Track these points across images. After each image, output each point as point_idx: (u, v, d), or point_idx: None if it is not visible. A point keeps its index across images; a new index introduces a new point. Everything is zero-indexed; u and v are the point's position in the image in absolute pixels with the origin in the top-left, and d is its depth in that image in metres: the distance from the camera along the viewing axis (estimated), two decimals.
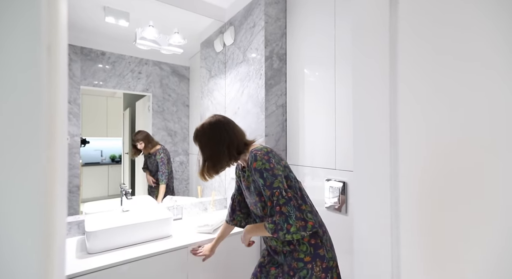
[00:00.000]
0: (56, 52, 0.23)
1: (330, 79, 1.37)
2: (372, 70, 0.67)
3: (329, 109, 1.37)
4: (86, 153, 1.67)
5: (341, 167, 1.31)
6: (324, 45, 1.41)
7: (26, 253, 0.21)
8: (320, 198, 1.42)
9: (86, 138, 1.58)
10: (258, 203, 0.98)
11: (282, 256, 1.00)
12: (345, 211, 1.29)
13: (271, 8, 1.60)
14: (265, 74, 1.57)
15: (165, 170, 1.86)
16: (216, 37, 1.97)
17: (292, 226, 0.85)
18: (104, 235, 1.17)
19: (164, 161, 1.86)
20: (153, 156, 1.84)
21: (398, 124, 0.63)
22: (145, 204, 1.70)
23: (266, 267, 1.09)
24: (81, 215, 1.43)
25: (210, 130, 1.00)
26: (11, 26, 0.21)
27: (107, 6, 1.61)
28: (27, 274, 0.21)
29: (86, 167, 1.69)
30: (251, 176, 0.97)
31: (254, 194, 0.98)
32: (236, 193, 1.19)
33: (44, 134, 0.21)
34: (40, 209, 0.21)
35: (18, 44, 0.21)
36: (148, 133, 1.83)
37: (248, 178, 1.01)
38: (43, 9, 0.23)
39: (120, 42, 1.71)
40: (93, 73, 1.60)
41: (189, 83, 2.03)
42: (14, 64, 0.21)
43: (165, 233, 1.35)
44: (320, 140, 1.43)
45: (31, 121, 0.21)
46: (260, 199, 0.98)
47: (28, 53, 0.21)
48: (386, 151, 0.63)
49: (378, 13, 0.65)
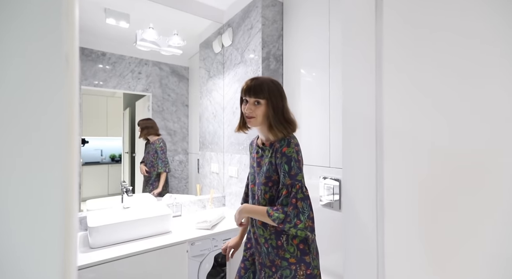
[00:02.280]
0: (73, 60, 0.27)
1: (325, 80, 1.42)
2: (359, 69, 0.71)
3: (323, 109, 1.42)
4: (86, 152, 1.69)
5: (336, 165, 1.36)
6: (319, 47, 1.45)
7: (47, 247, 0.24)
8: (316, 195, 1.46)
9: (85, 138, 1.60)
10: (262, 185, 0.96)
11: (264, 248, 0.97)
12: (339, 208, 1.33)
13: (268, 11, 1.65)
14: (262, 75, 1.61)
15: (165, 158, 1.90)
16: (215, 39, 2.01)
17: (301, 223, 0.85)
18: (106, 230, 1.22)
19: (164, 149, 1.90)
20: (152, 145, 1.88)
21: (384, 123, 0.67)
22: (146, 201, 1.74)
23: (249, 260, 1.07)
24: (83, 212, 1.47)
25: (277, 85, 0.98)
26: (35, 38, 0.24)
27: (107, 8, 1.64)
28: (49, 266, 0.24)
29: (86, 166, 1.71)
30: (272, 157, 0.94)
31: (263, 175, 0.96)
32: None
33: (65, 136, 0.24)
34: (62, 206, 0.25)
35: (41, 55, 0.24)
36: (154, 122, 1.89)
37: (265, 158, 0.97)
38: (63, 21, 0.26)
39: (121, 43, 1.73)
40: (94, 74, 1.62)
41: (188, 83, 2.05)
42: (36, 73, 0.24)
43: (165, 229, 1.39)
44: (315, 139, 1.47)
45: (54, 126, 0.24)
46: (266, 183, 0.95)
47: (50, 62, 0.24)
48: (372, 148, 0.67)
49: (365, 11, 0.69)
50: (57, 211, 0.24)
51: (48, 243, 0.24)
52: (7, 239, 0.23)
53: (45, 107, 0.23)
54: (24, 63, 0.23)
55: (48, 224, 0.24)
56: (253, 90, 0.93)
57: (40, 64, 0.24)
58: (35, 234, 0.24)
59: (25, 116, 0.23)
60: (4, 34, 0.22)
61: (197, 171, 2.09)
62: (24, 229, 0.23)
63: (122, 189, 1.58)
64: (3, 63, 0.22)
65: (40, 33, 0.24)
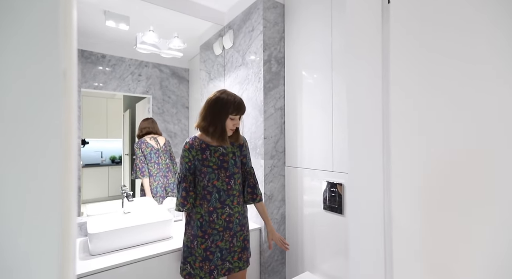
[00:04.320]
0: (70, 76, 0.27)
1: (327, 82, 1.40)
2: (364, 72, 0.70)
3: (326, 112, 1.40)
4: (86, 154, 1.69)
5: (338, 169, 1.34)
6: (321, 49, 1.44)
7: (44, 253, 0.24)
8: (318, 199, 1.45)
9: (85, 139, 1.59)
10: (236, 174, 1.21)
11: (236, 220, 1.19)
12: (341, 212, 1.32)
13: (269, 13, 1.63)
14: (264, 78, 1.60)
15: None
16: (215, 41, 2.00)
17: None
18: (106, 237, 1.20)
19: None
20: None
21: (391, 126, 0.65)
22: (146, 205, 1.72)
23: (212, 247, 1.15)
24: (83, 216, 1.45)
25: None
26: (33, 55, 0.24)
27: (107, 10, 1.63)
28: (45, 273, 0.24)
29: (86, 168, 1.71)
30: (240, 151, 1.25)
31: (234, 167, 1.20)
32: (187, 172, 1.17)
33: (62, 145, 0.25)
34: (60, 212, 0.24)
35: (39, 71, 0.25)
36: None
37: (229, 154, 1.20)
38: (61, 38, 0.26)
39: (120, 45, 1.73)
40: (94, 76, 1.62)
41: (189, 85, 2.04)
42: (34, 88, 0.25)
43: (166, 234, 1.37)
44: (317, 142, 1.46)
45: (52, 136, 0.25)
46: (239, 171, 1.23)
47: (48, 79, 0.25)
48: (379, 152, 0.66)
49: (371, 13, 0.67)
50: (55, 217, 0.24)
51: (45, 251, 0.24)
52: (1, 246, 0.23)
53: (45, 115, 0.25)
54: (24, 80, 0.24)
55: (45, 230, 0.24)
56: (244, 108, 1.21)
57: (40, 81, 0.25)
58: (31, 241, 0.24)
59: (24, 126, 0.24)
60: (5, 57, 0.24)
61: None
62: (20, 236, 0.23)
63: (123, 193, 1.56)
64: (6, 82, 0.24)
65: (39, 56, 0.25)
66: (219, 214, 1.15)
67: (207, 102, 1.17)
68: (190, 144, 1.17)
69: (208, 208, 1.15)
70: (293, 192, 1.64)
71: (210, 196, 1.16)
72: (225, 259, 1.16)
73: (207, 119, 1.15)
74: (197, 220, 1.16)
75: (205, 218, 1.15)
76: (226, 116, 1.15)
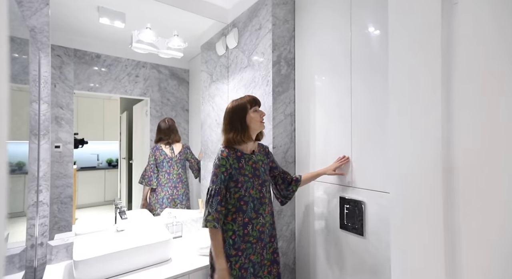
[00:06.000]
0: None
1: (345, 87, 1.25)
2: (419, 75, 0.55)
3: (344, 121, 1.25)
4: (82, 157, 1.61)
5: (358, 185, 1.19)
6: (337, 50, 1.29)
7: None
8: (333, 216, 1.30)
9: (84, 138, 1.50)
10: (267, 182, 1.18)
11: (266, 230, 1.14)
12: (362, 233, 1.17)
13: (278, 9, 1.48)
14: (273, 81, 1.45)
15: None
16: (218, 40, 1.85)
17: None
18: (95, 263, 1.05)
19: None
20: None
21: (453, 145, 0.51)
22: (142, 220, 1.57)
23: (246, 263, 1.08)
24: (71, 234, 1.29)
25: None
26: None
27: (101, 6, 1.52)
28: None
29: (82, 171, 1.62)
30: (266, 159, 1.23)
31: (264, 174, 1.18)
32: (222, 185, 1.06)
33: None
34: None
35: None
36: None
37: (258, 162, 1.17)
38: None
39: (116, 44, 1.64)
40: (88, 77, 1.54)
41: (189, 87, 1.96)
42: None
43: (164, 256, 1.22)
44: (333, 153, 1.31)
45: None
46: (268, 179, 1.21)
47: None
48: (438, 173, 0.53)
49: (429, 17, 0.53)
50: None
51: None
52: None
53: None
54: None
55: None
56: (259, 100, 1.18)
57: None
58: None
59: None
60: None
61: (199, 181, 1.95)
62: None
63: (116, 210, 1.41)
64: None
65: None
66: (254, 225, 1.10)
67: (226, 115, 1.16)
68: (227, 152, 1.11)
69: (243, 220, 1.08)
70: (305, 208, 1.49)
71: (246, 206, 1.09)
72: (257, 275, 1.11)
73: (232, 128, 1.13)
74: (228, 238, 1.07)
75: (238, 233, 1.07)
76: (246, 114, 1.13)
